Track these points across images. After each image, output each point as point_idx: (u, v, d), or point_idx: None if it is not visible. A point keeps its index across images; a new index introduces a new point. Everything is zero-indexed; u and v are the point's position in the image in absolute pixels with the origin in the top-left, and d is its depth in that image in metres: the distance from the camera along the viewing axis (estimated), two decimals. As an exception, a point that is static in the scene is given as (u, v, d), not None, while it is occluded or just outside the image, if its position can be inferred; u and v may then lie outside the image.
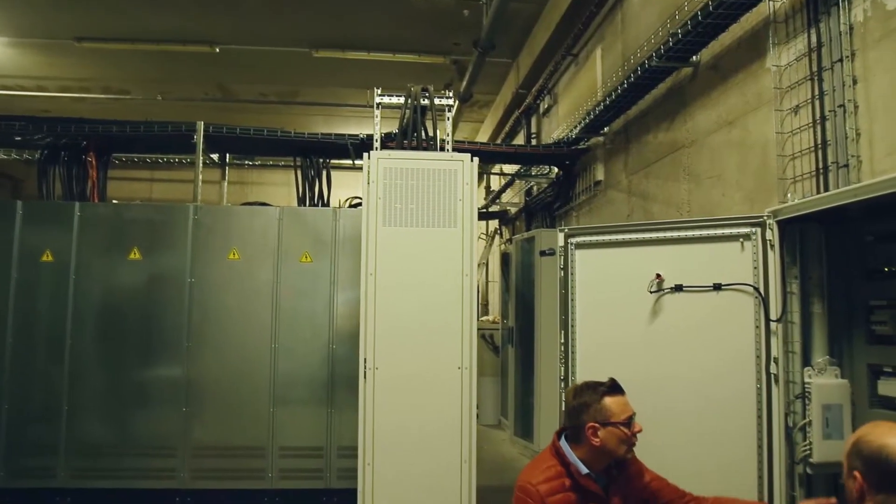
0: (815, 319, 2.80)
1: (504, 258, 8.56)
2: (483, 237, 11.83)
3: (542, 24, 7.97)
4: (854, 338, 2.75)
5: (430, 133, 4.64)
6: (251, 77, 10.19)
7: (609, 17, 6.39)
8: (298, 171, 6.10)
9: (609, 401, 2.39)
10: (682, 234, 3.03)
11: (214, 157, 6.75)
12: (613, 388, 2.43)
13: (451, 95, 4.72)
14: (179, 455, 5.04)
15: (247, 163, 10.85)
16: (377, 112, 4.54)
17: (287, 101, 11.13)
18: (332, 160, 6.31)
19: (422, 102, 4.59)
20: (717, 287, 2.92)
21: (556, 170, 7.78)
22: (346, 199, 6.05)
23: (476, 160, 3.80)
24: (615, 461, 2.43)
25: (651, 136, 5.38)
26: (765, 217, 2.84)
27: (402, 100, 4.61)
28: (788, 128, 3.45)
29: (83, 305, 5.07)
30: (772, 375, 2.77)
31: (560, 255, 3.29)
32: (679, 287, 3.00)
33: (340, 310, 5.20)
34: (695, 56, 4.53)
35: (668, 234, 3.06)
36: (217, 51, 8.80)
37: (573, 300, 3.26)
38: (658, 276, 3.03)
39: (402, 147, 4.53)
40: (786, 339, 2.80)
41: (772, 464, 2.75)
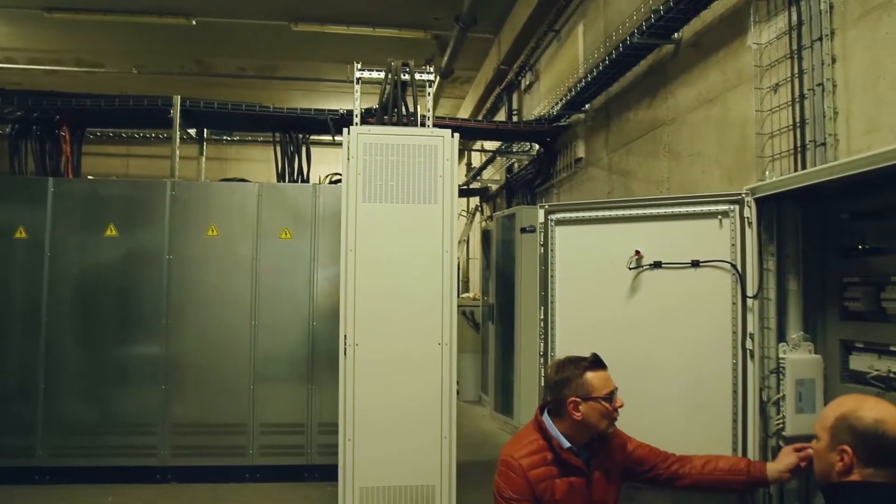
0: (791, 296, 2.84)
1: (485, 235, 8.57)
2: (464, 214, 11.82)
3: (524, -1, 7.90)
4: (827, 314, 2.79)
5: (411, 109, 4.59)
6: (229, 51, 10.01)
7: (591, -7, 6.35)
8: (278, 147, 6.04)
9: (591, 376, 2.41)
10: (662, 211, 3.04)
11: (192, 133, 6.64)
12: (595, 364, 2.45)
13: (432, 71, 4.67)
14: (159, 432, 5.03)
15: (225, 138, 10.74)
16: (357, 87, 4.49)
17: (266, 76, 10.95)
18: (312, 136, 6.25)
19: (402, 78, 4.54)
20: (696, 264, 2.95)
21: (538, 147, 7.76)
22: (327, 176, 6.01)
23: (457, 136, 3.78)
24: (597, 435, 2.46)
25: (632, 114, 5.38)
26: (743, 195, 2.85)
27: (383, 75, 4.56)
28: (768, 106, 3.47)
29: (59, 282, 5.00)
30: (748, 351, 2.81)
31: (540, 232, 3.29)
32: (658, 264, 3.02)
33: (321, 287, 5.19)
34: (677, 33, 4.52)
35: (648, 212, 3.07)
36: (193, 23, 8.59)
37: (553, 277, 3.27)
38: (637, 253, 3.05)
39: (383, 123, 4.49)
40: (762, 316, 2.84)
41: (746, 437, 2.80)
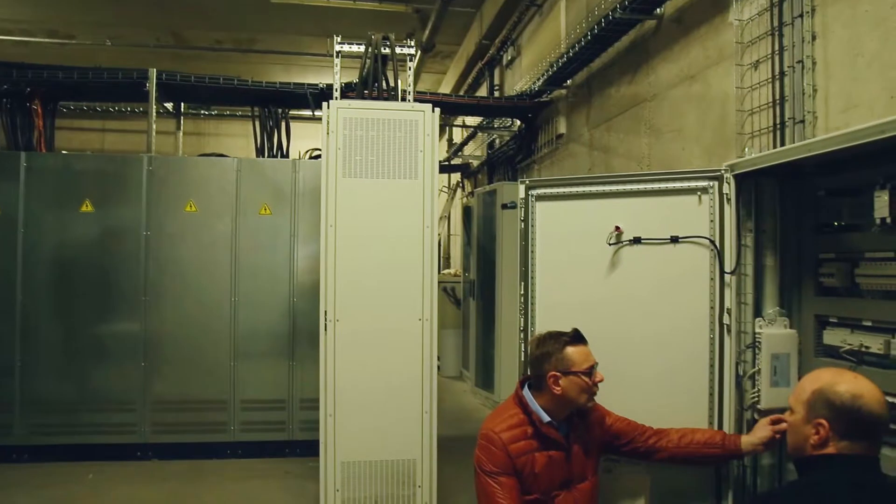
0: (768, 272, 2.87)
1: (466, 211, 8.56)
2: (445, 190, 11.79)
3: (507, -27, 7.81)
4: (803, 289, 2.83)
5: (391, 83, 4.55)
6: (206, 23, 9.81)
7: (574, -33, 6.30)
8: (256, 122, 5.96)
9: (571, 350, 2.43)
10: (642, 188, 3.05)
11: (169, 107, 6.53)
12: (576, 338, 2.47)
13: (413, 45, 4.62)
14: (139, 409, 5.01)
15: (203, 113, 10.56)
16: (337, 61, 4.43)
17: (244, 49, 10.76)
18: (292, 110, 6.18)
19: (383, 51, 4.48)
20: (675, 240, 2.96)
21: (519, 123, 7.74)
22: (307, 151, 5.94)
23: (437, 111, 3.75)
24: (577, 410, 2.49)
25: (613, 90, 5.37)
26: (722, 171, 2.87)
27: (363, 48, 4.49)
28: (748, 83, 3.48)
29: (33, 259, 4.93)
30: (725, 326, 2.85)
31: (521, 207, 3.29)
32: (637, 239, 3.04)
33: (301, 263, 5.16)
34: (659, 8, 4.51)
35: (628, 187, 3.07)
36: (168, -7, 8.42)
37: (533, 252, 3.28)
38: (617, 229, 3.06)
39: (363, 97, 4.44)
40: (739, 291, 2.87)
41: (722, 410, 2.85)
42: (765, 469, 2.86)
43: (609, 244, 3.09)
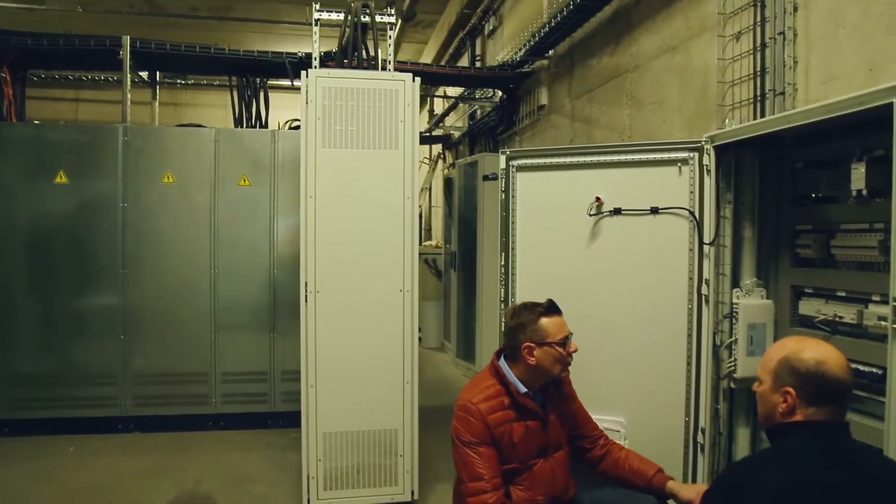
0: (746, 243, 2.91)
1: (447, 183, 8.53)
2: (426, 162, 11.72)
3: (489, -60, 7.69)
4: (780, 260, 2.87)
5: (372, 52, 4.48)
6: (181, -11, 9.57)
7: (557, -66, 6.20)
8: (235, 92, 5.86)
9: (545, 321, 2.44)
10: (622, 158, 3.06)
11: (144, 76, 6.38)
12: (550, 309, 2.47)
13: (394, 13, 4.54)
14: (120, 383, 4.99)
15: (179, 82, 10.34)
16: (316, 29, 4.35)
17: (220, 17, 10.52)
18: (271, 80, 6.08)
19: (363, 20, 4.41)
20: (655, 211, 2.99)
21: (501, 93, 7.69)
22: (286, 122, 5.86)
23: (418, 81, 3.71)
24: (551, 380, 2.51)
25: (595, 61, 5.34)
26: (702, 142, 2.88)
27: (342, 16, 4.42)
28: (730, 54, 3.47)
29: (6, 232, 4.84)
30: (703, 296, 2.89)
31: (501, 178, 3.29)
32: (618, 210, 3.05)
33: (282, 235, 5.13)
34: (641, -23, 4.47)
35: (609, 158, 3.08)
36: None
37: (514, 223, 3.29)
38: (598, 200, 3.07)
39: (342, 66, 4.37)
40: (717, 262, 2.91)
41: (699, 379, 2.90)
42: (739, 438, 2.93)
43: (590, 215, 3.10)
